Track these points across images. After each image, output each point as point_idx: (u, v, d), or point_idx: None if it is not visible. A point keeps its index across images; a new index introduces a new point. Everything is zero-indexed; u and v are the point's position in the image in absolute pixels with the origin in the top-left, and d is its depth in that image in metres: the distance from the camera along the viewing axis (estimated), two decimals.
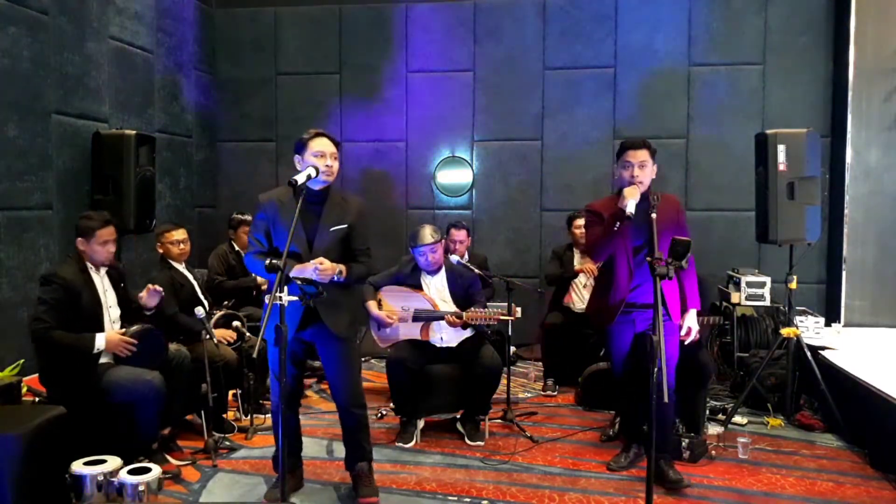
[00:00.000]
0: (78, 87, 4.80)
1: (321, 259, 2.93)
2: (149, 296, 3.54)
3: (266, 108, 6.70)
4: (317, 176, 2.95)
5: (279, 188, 3.17)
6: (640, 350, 3.43)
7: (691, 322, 3.49)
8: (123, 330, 3.46)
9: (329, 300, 3.01)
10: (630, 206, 3.13)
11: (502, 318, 3.96)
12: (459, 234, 5.08)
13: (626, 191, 3.21)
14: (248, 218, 5.03)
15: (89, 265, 3.44)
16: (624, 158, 3.35)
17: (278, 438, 2.99)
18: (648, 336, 2.66)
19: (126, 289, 3.67)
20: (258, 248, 3.09)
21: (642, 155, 3.31)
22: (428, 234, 4.02)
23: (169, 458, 3.60)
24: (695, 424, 3.98)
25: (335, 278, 2.96)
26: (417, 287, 4.11)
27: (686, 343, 3.54)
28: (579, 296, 5.21)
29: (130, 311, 3.60)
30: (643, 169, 3.30)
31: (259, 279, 4.87)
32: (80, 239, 3.43)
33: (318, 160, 3.00)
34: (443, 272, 4.16)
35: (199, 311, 3.80)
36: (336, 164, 3.07)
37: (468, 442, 4.00)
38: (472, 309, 3.96)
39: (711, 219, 6.05)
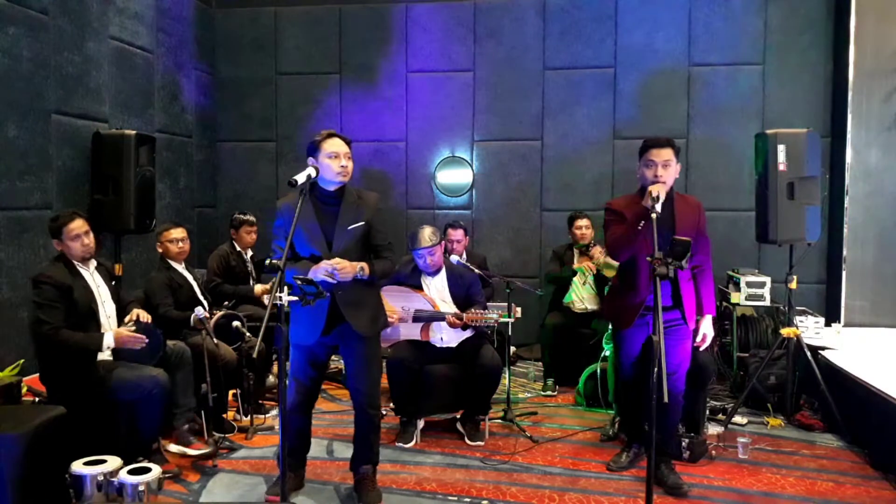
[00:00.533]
0: (78, 87, 4.80)
1: (337, 259, 2.92)
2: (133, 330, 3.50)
3: (266, 108, 6.70)
4: (317, 176, 2.95)
5: (292, 194, 3.14)
6: (651, 353, 3.40)
7: (707, 328, 3.44)
8: (132, 327, 3.48)
9: (351, 299, 3.02)
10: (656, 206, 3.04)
11: (502, 319, 3.96)
12: (456, 234, 5.08)
13: (652, 188, 3.08)
14: (251, 218, 5.02)
15: (75, 262, 3.46)
16: (647, 157, 3.26)
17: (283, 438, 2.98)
18: (649, 336, 2.66)
19: (118, 287, 3.68)
20: (281, 254, 3.07)
21: (666, 154, 3.23)
22: (426, 236, 3.99)
23: (187, 450, 3.69)
24: (695, 424, 3.98)
25: (358, 275, 2.96)
26: (417, 287, 4.11)
27: (701, 350, 3.52)
28: (579, 296, 5.21)
29: (123, 310, 3.60)
30: (667, 168, 3.22)
31: (257, 290, 4.86)
32: (54, 241, 3.46)
33: (332, 161, 2.98)
34: (443, 272, 4.16)
35: (199, 311, 3.81)
36: (350, 164, 3.06)
37: (468, 442, 4.00)
38: (473, 310, 3.96)
39: (711, 219, 5.99)
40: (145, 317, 3.53)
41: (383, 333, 4.11)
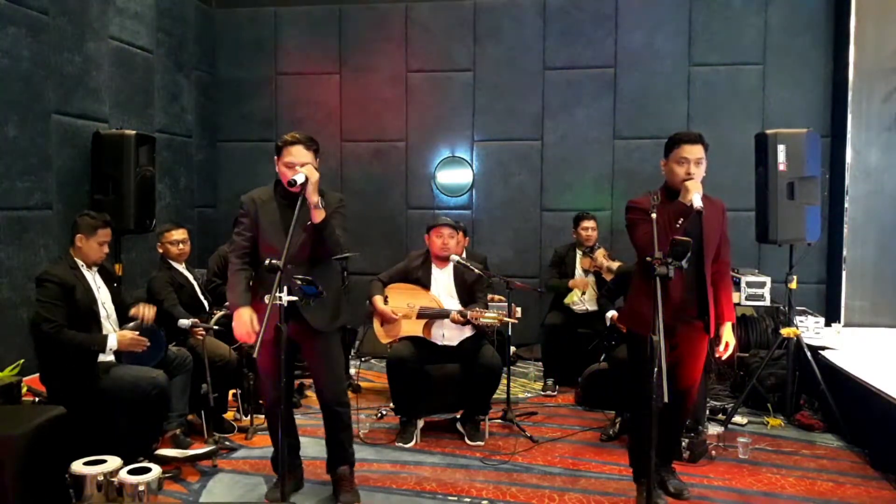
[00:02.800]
0: (78, 87, 4.80)
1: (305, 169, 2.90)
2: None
3: (266, 108, 6.70)
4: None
5: (258, 189, 3.17)
6: (671, 363, 3.11)
7: (729, 336, 3.24)
8: (133, 325, 3.49)
9: None
10: (697, 201, 2.90)
11: (505, 320, 3.96)
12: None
13: (690, 185, 2.95)
14: None
15: (80, 263, 3.47)
16: (679, 154, 3.07)
17: (276, 439, 2.98)
18: (649, 337, 2.64)
19: (118, 289, 3.69)
20: (242, 247, 3.07)
21: (699, 151, 3.06)
22: (447, 219, 4.19)
23: (188, 451, 3.64)
24: (695, 424, 3.98)
25: (314, 204, 2.90)
26: (425, 283, 4.15)
27: (723, 359, 3.42)
28: (579, 298, 5.22)
29: (123, 311, 3.60)
30: (699, 166, 3.05)
31: None
32: (80, 235, 3.46)
33: (286, 170, 2.97)
34: (450, 268, 4.20)
35: (184, 323, 3.81)
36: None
37: (468, 442, 4.00)
38: (476, 308, 3.98)
39: None
40: (150, 313, 3.54)
41: (387, 328, 4.13)
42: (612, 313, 4.43)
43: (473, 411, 4.10)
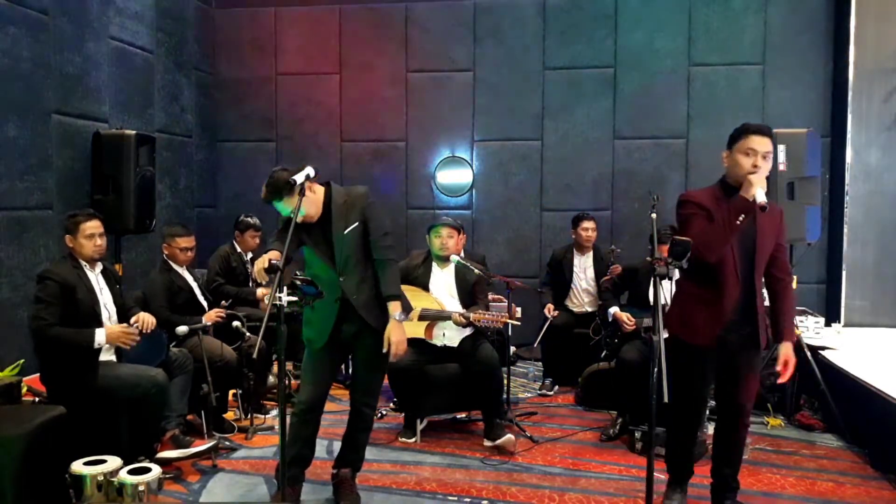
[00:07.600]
0: (78, 87, 4.80)
1: (392, 342, 3.01)
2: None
3: (266, 108, 6.70)
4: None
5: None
6: (725, 377, 3.01)
7: (789, 353, 2.92)
8: (125, 324, 3.47)
9: (365, 302, 3.03)
10: (760, 196, 2.68)
11: (507, 321, 3.95)
12: None
13: (754, 178, 2.72)
14: (257, 223, 5.01)
15: (83, 263, 3.46)
16: (747, 145, 2.81)
17: (292, 445, 2.96)
18: (649, 336, 2.64)
19: (121, 290, 3.69)
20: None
21: (767, 144, 2.79)
22: (448, 219, 4.21)
23: (189, 450, 3.62)
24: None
25: (399, 318, 3.05)
26: (425, 282, 4.15)
27: (780, 382, 3.09)
28: (579, 299, 5.22)
29: (125, 313, 3.60)
30: (766, 160, 2.79)
31: (259, 293, 4.85)
32: (67, 236, 3.46)
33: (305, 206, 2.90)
34: (451, 268, 4.21)
35: (182, 330, 3.81)
36: (313, 204, 2.97)
37: (492, 443, 3.89)
38: (479, 310, 3.98)
39: None
40: (150, 321, 3.53)
41: None
42: (614, 310, 4.33)
43: (489, 417, 3.98)
